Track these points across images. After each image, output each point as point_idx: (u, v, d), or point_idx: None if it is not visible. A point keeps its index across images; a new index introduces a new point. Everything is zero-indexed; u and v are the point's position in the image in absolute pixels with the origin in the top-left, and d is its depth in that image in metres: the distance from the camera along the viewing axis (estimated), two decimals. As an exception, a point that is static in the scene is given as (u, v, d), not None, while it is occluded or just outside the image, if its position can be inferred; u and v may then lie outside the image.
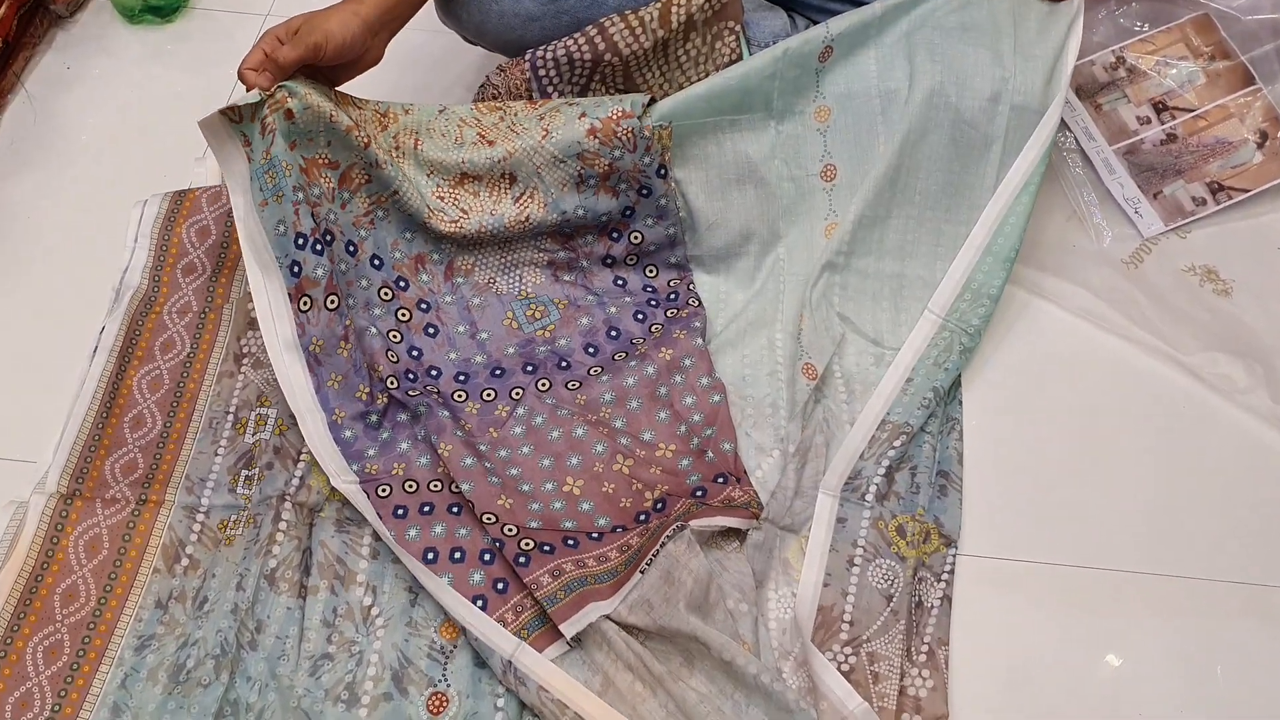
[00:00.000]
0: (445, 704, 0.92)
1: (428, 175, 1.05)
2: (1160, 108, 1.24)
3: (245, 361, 1.09)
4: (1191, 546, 1.02)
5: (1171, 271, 1.17)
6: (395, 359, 1.04)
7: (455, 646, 0.94)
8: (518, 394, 1.06)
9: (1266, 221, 1.21)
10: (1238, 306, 1.15)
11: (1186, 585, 1.00)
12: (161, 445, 1.04)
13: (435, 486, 1.00)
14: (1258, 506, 1.05)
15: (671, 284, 1.14)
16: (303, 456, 1.03)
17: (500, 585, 0.94)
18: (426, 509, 0.98)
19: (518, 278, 1.12)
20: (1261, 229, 1.20)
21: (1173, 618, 0.98)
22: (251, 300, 1.11)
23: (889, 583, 0.97)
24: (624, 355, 1.10)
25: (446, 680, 0.93)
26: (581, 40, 1.05)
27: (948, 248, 1.11)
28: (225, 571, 0.97)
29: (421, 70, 1.34)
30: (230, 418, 1.06)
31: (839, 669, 0.93)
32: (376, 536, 0.99)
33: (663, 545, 0.93)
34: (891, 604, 0.96)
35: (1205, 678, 0.95)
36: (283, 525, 0.98)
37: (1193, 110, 1.24)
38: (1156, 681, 0.95)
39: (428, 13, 1.07)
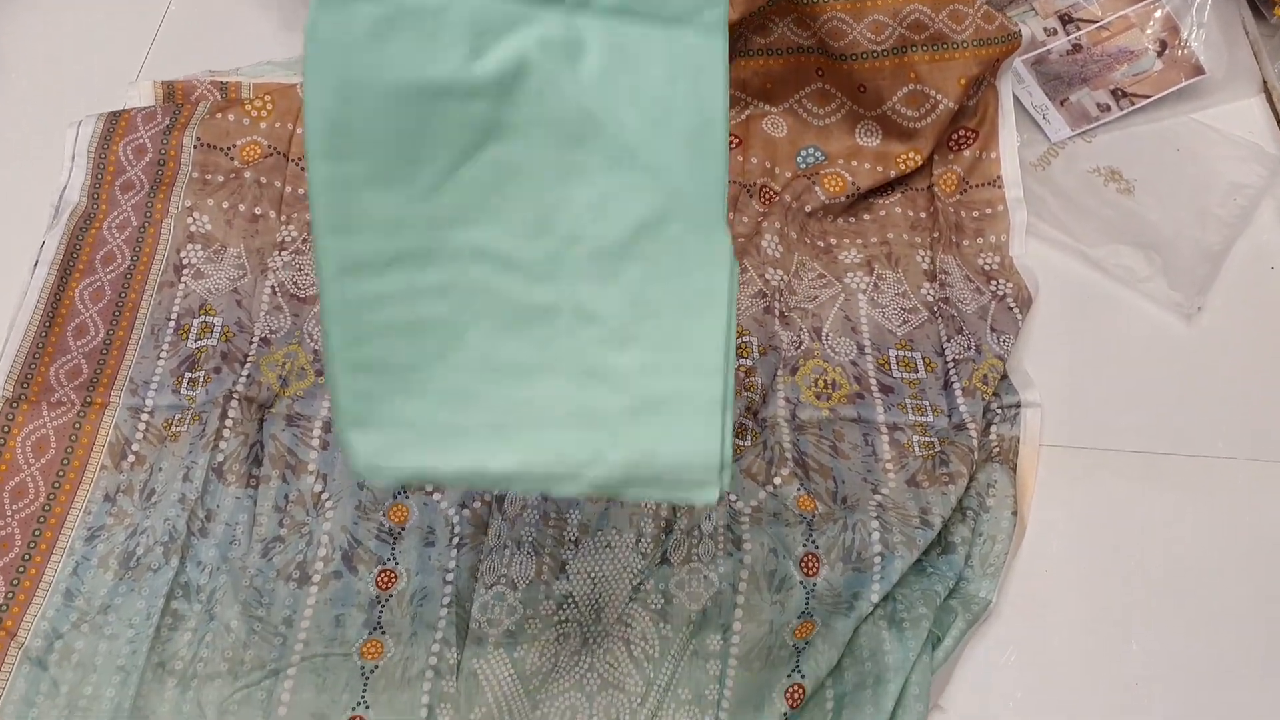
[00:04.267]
0: (394, 580, 0.95)
1: None
2: (1066, 20, 1.30)
3: (186, 272, 1.11)
4: (1091, 417, 1.10)
5: (1077, 173, 1.23)
6: None
7: (404, 530, 0.97)
8: None
9: (1166, 125, 1.28)
10: (1139, 204, 1.21)
11: (1094, 456, 1.07)
12: (105, 352, 1.06)
13: None
14: (1157, 380, 1.12)
15: None
16: (249, 358, 1.05)
17: None
18: None
19: None
20: (1162, 132, 1.27)
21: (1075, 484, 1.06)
22: (192, 214, 1.14)
23: None
24: None
25: (395, 559, 0.96)
26: None
27: None
28: (171, 465, 1.00)
29: None
30: (172, 324, 1.08)
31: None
32: (326, 428, 1.02)
33: None
34: None
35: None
36: (229, 422, 1.01)
37: (1097, 21, 1.30)
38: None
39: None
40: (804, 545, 0.95)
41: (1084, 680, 0.96)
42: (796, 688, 0.88)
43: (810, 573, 0.94)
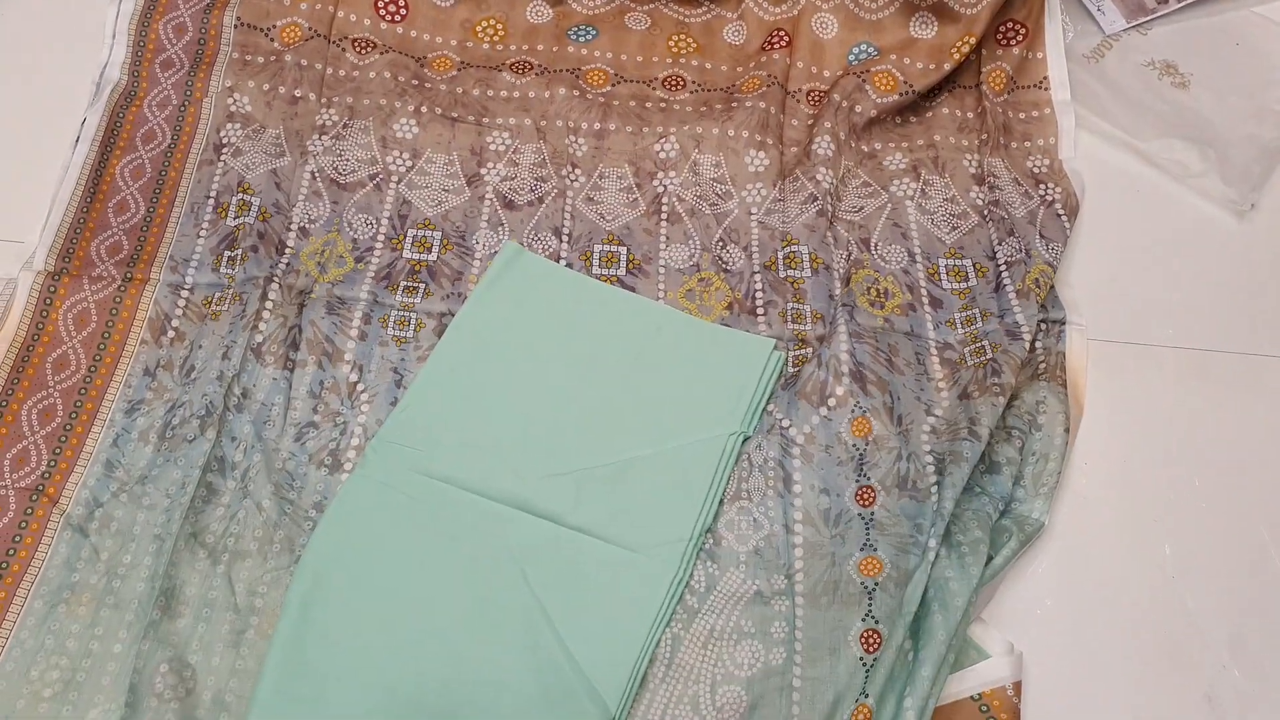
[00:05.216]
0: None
1: None
2: (1126, -92, 1.26)
3: (225, 151, 1.11)
4: (1138, 313, 1.09)
5: (1132, 66, 1.21)
6: None
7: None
8: None
9: (1226, 19, 1.24)
10: (1194, 98, 1.18)
11: (1140, 351, 1.06)
12: (145, 228, 1.06)
13: None
14: (1206, 277, 1.11)
15: None
16: (288, 247, 1.05)
17: None
18: None
19: None
20: (1221, 25, 1.24)
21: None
22: (232, 94, 1.13)
23: None
24: None
25: (428, 450, 0.97)
26: None
27: None
28: (211, 343, 1.00)
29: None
30: (211, 202, 1.08)
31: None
32: (366, 319, 1.02)
33: None
34: None
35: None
36: (269, 304, 1.01)
37: (1158, -89, 1.26)
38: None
39: None
40: (856, 480, 0.94)
41: (1119, 577, 0.95)
42: (872, 633, 0.87)
43: (867, 503, 0.93)
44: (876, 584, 0.89)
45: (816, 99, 1.19)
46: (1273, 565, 0.96)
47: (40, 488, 0.92)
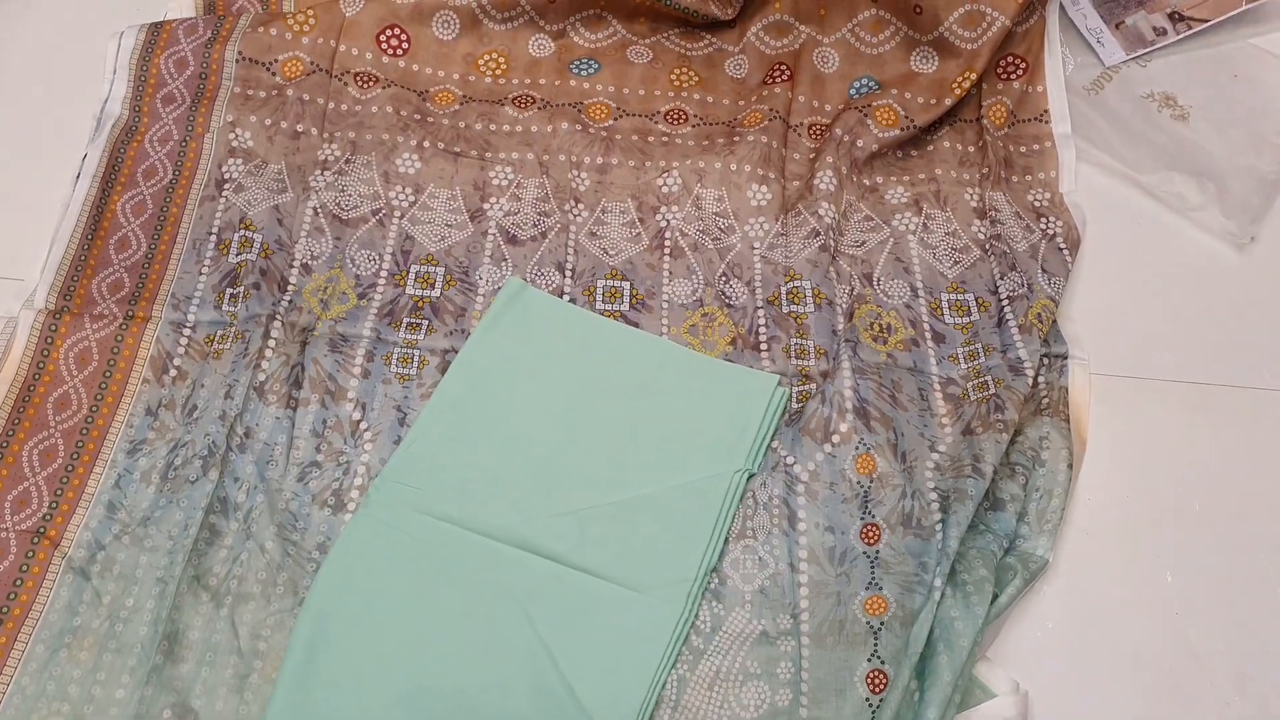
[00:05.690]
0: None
1: None
2: (1122, -59, 1.27)
3: (227, 186, 1.10)
4: (1139, 346, 1.09)
5: (1131, 98, 1.21)
6: None
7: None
8: None
9: (1224, 50, 1.25)
10: (1194, 130, 1.19)
11: (1141, 385, 1.06)
12: (146, 265, 1.06)
13: None
14: (1207, 310, 1.12)
15: None
16: (290, 284, 1.05)
17: None
18: None
19: None
20: (1219, 57, 1.24)
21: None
22: (234, 129, 1.13)
23: None
24: None
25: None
26: None
27: None
28: (214, 382, 1.00)
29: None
30: (213, 239, 1.08)
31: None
32: (369, 357, 1.02)
33: None
34: None
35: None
36: (271, 342, 1.01)
37: (1154, -58, 1.26)
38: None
39: None
40: (861, 518, 0.94)
41: (1122, 612, 0.95)
42: (878, 674, 0.87)
43: (872, 541, 0.93)
44: (882, 623, 0.89)
45: (818, 133, 1.19)
46: (1277, 600, 0.96)
47: (42, 530, 0.92)
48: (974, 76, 1.18)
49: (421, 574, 0.91)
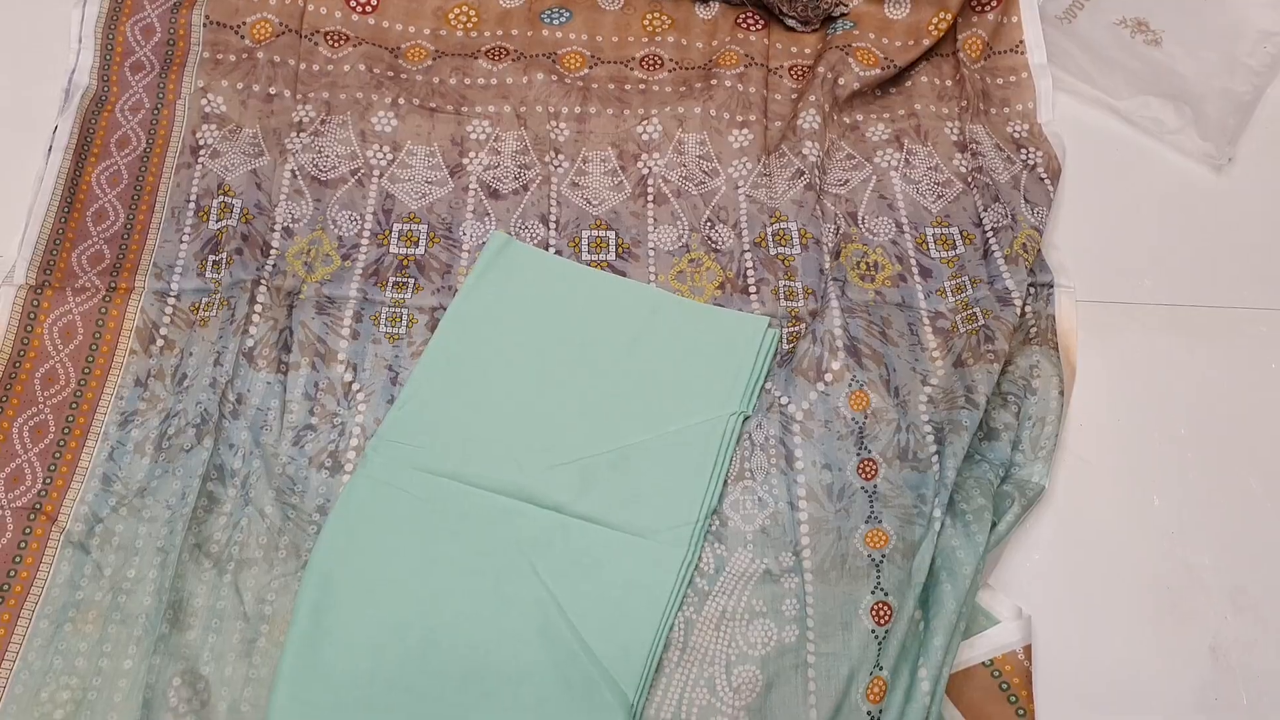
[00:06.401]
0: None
1: None
2: None
3: (202, 153, 1.09)
4: (1121, 271, 1.11)
5: (1104, 24, 1.21)
6: None
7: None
8: None
9: (1193, -28, 1.25)
10: (1167, 54, 1.19)
11: (1124, 309, 1.08)
12: (126, 236, 1.05)
13: None
14: (1187, 232, 1.13)
15: None
16: (273, 249, 1.04)
17: None
18: None
19: None
20: (1188, -20, 1.24)
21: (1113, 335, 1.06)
22: (206, 95, 1.12)
23: None
24: None
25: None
26: None
27: None
28: (202, 350, 0.99)
29: None
30: (192, 206, 1.07)
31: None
32: (357, 317, 1.02)
33: None
34: None
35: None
36: (258, 307, 1.00)
37: None
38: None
39: None
40: (858, 454, 0.95)
41: (1118, 535, 0.97)
42: (882, 605, 0.88)
43: (869, 476, 0.94)
44: (883, 556, 0.90)
45: (800, 73, 1.19)
46: (1265, 515, 0.97)
47: (38, 506, 0.91)
48: (949, 17, 1.18)
49: (424, 530, 0.91)
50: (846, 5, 1.21)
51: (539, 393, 0.98)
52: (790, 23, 1.21)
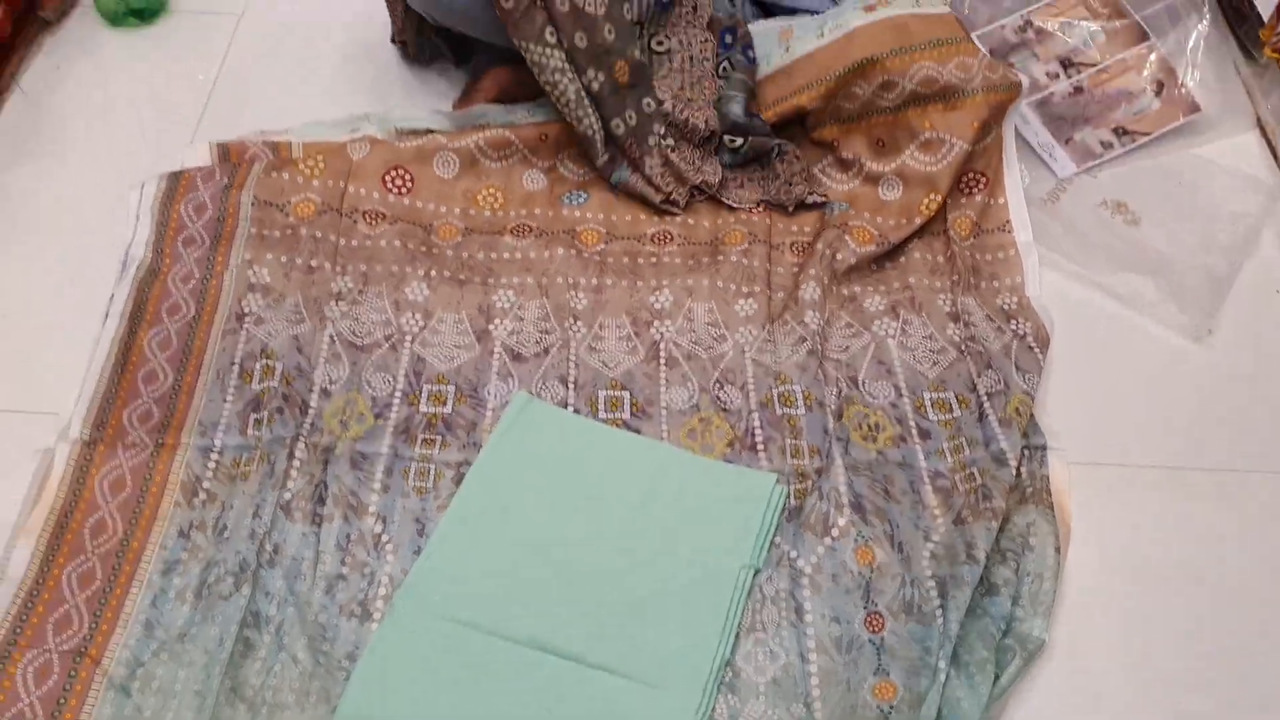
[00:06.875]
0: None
1: None
2: (1066, 64, 1.38)
3: (247, 319, 1.17)
4: (1111, 435, 1.15)
5: (1086, 206, 1.30)
6: None
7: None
8: None
9: (1168, 160, 1.36)
10: (1146, 234, 1.28)
11: (1116, 472, 1.13)
12: (174, 396, 1.12)
13: None
14: (1172, 399, 1.18)
15: None
16: (310, 408, 1.11)
17: None
18: None
19: None
20: (1164, 167, 1.35)
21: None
22: (252, 266, 1.20)
23: None
24: None
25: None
26: None
27: None
28: (242, 503, 1.04)
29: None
30: (236, 368, 1.14)
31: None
32: (387, 472, 1.07)
33: None
34: None
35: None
36: (296, 463, 1.06)
37: (1096, 65, 1.37)
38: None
39: None
40: (864, 607, 0.99)
41: (1118, 688, 0.99)
42: None
43: (876, 629, 0.98)
44: (892, 707, 0.93)
45: (800, 249, 1.28)
46: (1259, 666, 1.00)
47: (83, 650, 0.95)
48: (939, 198, 1.27)
49: (448, 678, 0.94)
50: (824, 195, 1.30)
51: (558, 545, 1.03)
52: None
